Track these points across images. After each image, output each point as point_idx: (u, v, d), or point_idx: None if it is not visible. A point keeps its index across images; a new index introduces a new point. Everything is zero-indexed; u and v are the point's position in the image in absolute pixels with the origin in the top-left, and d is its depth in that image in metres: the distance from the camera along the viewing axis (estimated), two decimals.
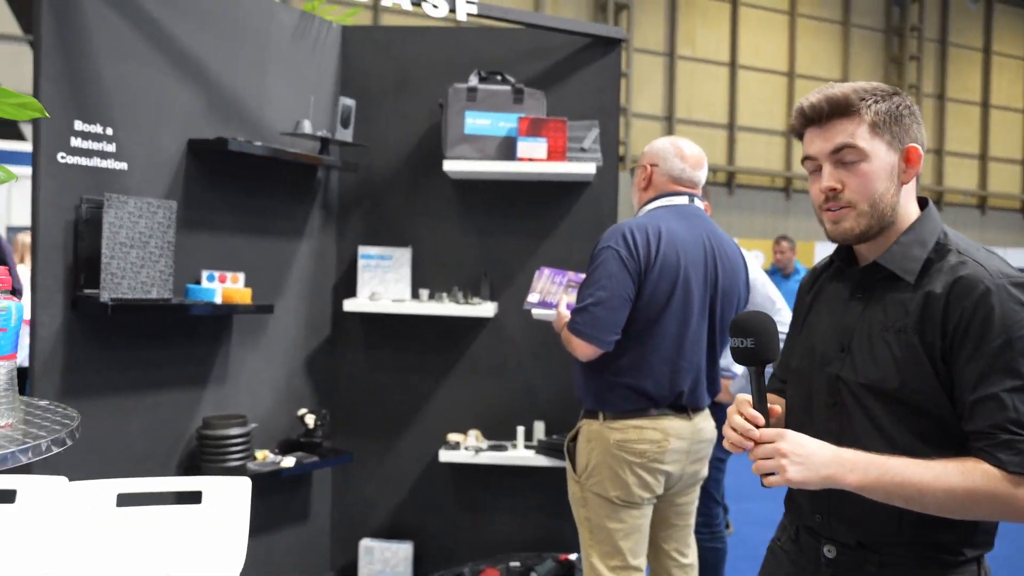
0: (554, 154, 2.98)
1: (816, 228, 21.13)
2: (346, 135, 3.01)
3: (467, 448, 3.02)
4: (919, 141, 1.26)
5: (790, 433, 1.17)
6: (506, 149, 3.02)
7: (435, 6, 2.85)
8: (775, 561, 1.41)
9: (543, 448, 3.00)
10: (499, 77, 3.08)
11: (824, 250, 18.11)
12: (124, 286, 2.35)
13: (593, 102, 3.15)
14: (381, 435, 3.19)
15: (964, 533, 1.20)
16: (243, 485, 1.82)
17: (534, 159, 2.96)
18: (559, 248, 3.11)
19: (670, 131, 18.92)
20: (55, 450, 1.10)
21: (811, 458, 1.14)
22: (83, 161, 2.37)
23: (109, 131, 2.44)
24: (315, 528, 3.17)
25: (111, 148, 2.44)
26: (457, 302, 3.06)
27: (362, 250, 3.11)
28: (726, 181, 19.93)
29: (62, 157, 2.32)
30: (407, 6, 2.85)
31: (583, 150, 3.07)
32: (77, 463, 2.33)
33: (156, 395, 2.59)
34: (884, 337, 1.22)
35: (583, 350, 2.14)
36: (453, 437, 3.06)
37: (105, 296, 2.30)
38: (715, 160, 19.74)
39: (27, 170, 2.36)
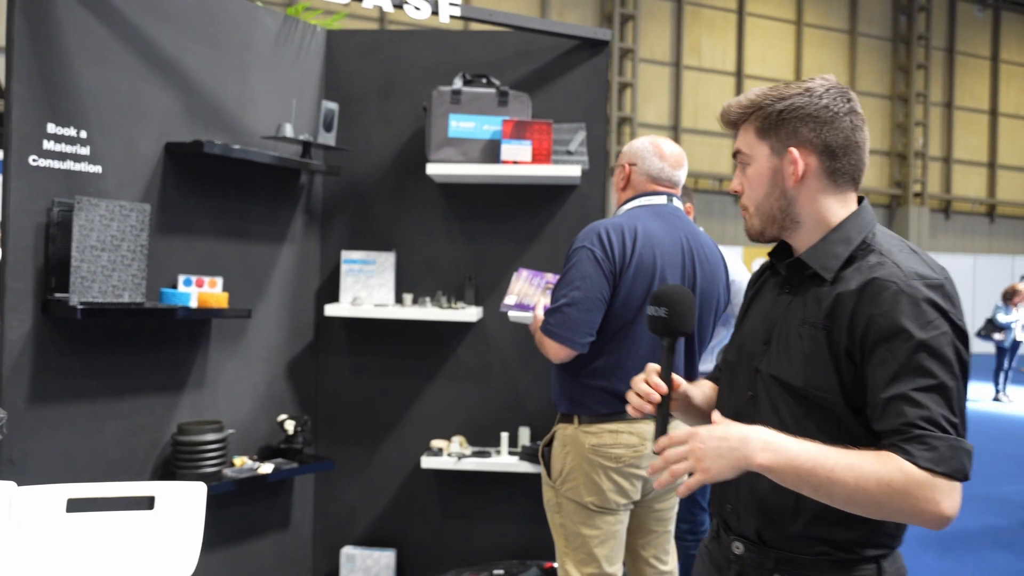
0: (539, 157, 2.94)
1: None
2: (329, 139, 2.98)
3: (450, 455, 2.98)
4: (810, 142, 1.23)
5: (699, 429, 1.15)
6: (491, 152, 2.98)
7: (417, 8, 2.83)
8: (700, 560, 1.42)
9: (527, 454, 2.95)
10: (484, 80, 3.05)
11: None
12: (95, 290, 2.33)
13: (580, 105, 3.12)
14: (364, 441, 3.15)
15: (864, 532, 1.18)
16: (197, 490, 1.78)
17: (519, 162, 2.93)
18: (545, 252, 3.07)
19: (676, 141, 18.87)
20: None
21: (722, 446, 1.11)
22: (56, 164, 2.35)
23: (83, 134, 2.42)
24: (297, 536, 3.12)
25: (85, 151, 2.42)
26: (441, 307, 3.02)
27: (345, 255, 3.08)
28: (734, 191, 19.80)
29: (34, 160, 2.30)
30: (388, 8, 2.83)
31: (569, 153, 3.03)
32: (48, 470, 2.30)
33: (131, 401, 2.56)
34: (799, 332, 1.22)
35: (556, 352, 2.10)
36: (436, 443, 3.02)
37: (75, 300, 2.27)
38: (722, 169, 19.68)
39: None
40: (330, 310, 3.01)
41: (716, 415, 1.20)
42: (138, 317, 2.51)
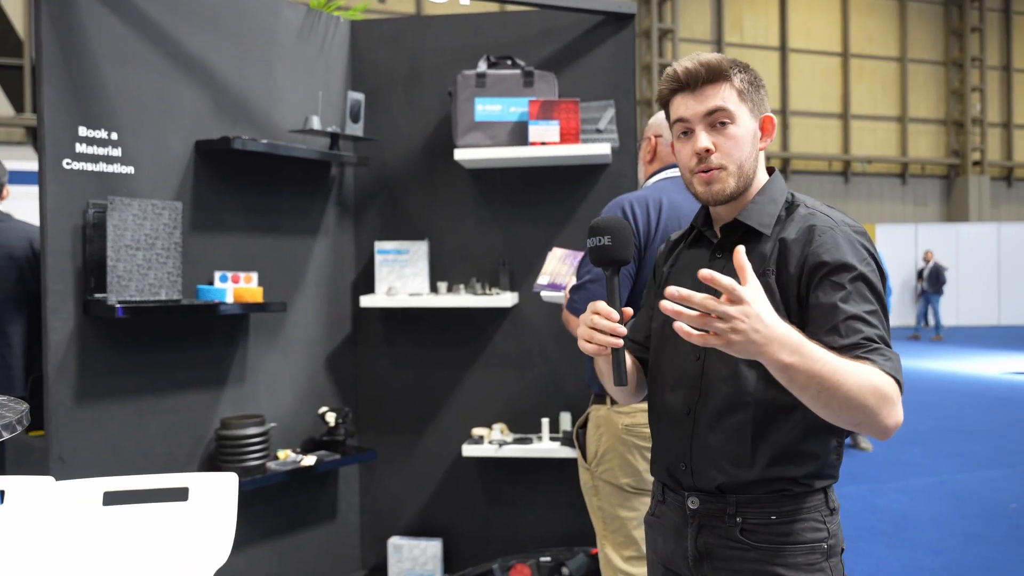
0: (567, 136, 2.89)
1: (878, 211, 20.44)
2: (356, 130, 2.98)
3: (491, 442, 2.95)
4: (768, 110, 1.37)
5: (754, 303, 1.08)
6: (518, 134, 2.94)
7: None
8: (651, 531, 1.46)
9: (569, 439, 2.91)
10: (509, 61, 3.01)
11: (884, 233, 17.44)
12: (132, 288, 2.36)
13: (608, 82, 3.05)
14: (405, 431, 3.15)
15: (815, 467, 1.29)
16: (229, 480, 1.79)
17: (547, 143, 2.88)
18: (578, 233, 3.02)
19: None
20: None
21: (760, 331, 1.08)
22: (89, 167, 2.39)
23: (115, 136, 2.45)
24: (344, 527, 3.14)
25: (117, 152, 2.46)
26: (476, 293, 3.00)
27: (378, 245, 3.08)
28: (781, 167, 19.41)
29: (68, 164, 2.35)
30: None
31: (598, 131, 2.97)
32: (97, 466, 2.36)
33: (174, 396, 2.60)
34: None
35: None
36: (477, 431, 3.00)
37: (112, 299, 2.31)
38: (768, 147, 19.24)
39: (32, 189, 2.40)
40: (366, 301, 3.01)
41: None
42: (176, 314, 2.54)
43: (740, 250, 1.12)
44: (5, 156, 3.73)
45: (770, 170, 1.39)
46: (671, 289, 1.07)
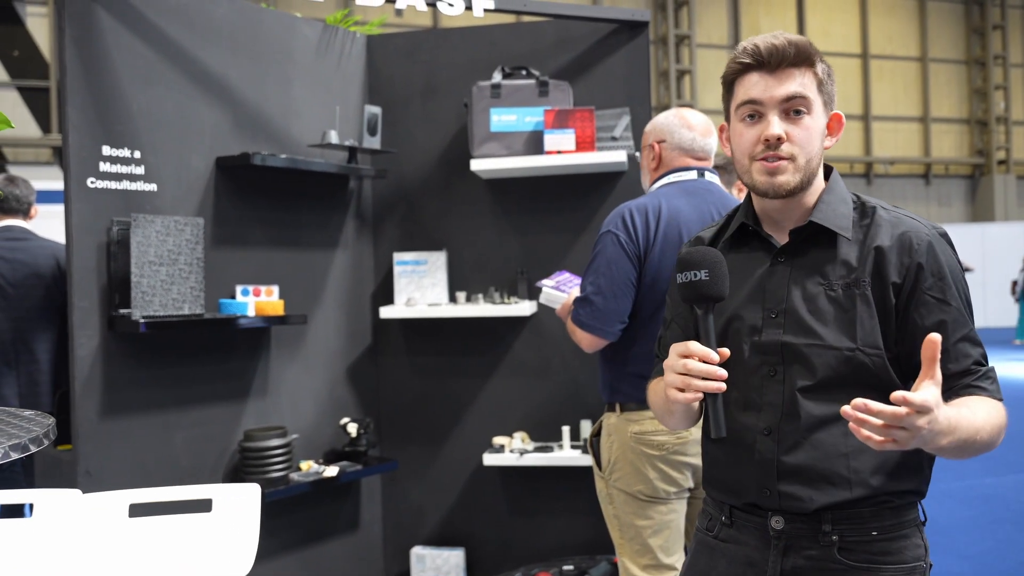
0: (583, 145, 2.90)
1: None
2: (374, 143, 3.01)
3: (512, 451, 2.96)
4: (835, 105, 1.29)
5: (935, 408, 1.00)
6: (534, 144, 2.96)
7: (451, 4, 2.83)
8: (709, 553, 1.32)
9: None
10: (523, 72, 3.03)
11: None
12: (155, 303, 2.40)
13: (623, 90, 3.06)
14: (426, 441, 3.17)
15: (915, 482, 1.23)
16: (252, 491, 1.81)
17: (562, 151, 2.90)
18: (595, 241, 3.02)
19: None
20: (13, 456, 1.10)
21: (936, 428, 1.02)
22: (113, 185, 2.44)
23: (137, 154, 2.50)
24: (367, 537, 3.16)
25: (140, 171, 2.51)
26: (494, 303, 3.01)
27: (397, 256, 3.11)
28: None
29: (92, 182, 2.40)
30: (422, 7, 2.84)
31: (614, 139, 2.98)
32: (124, 479, 2.40)
33: (198, 410, 2.64)
34: (829, 295, 1.21)
35: (587, 342, 2.07)
36: (498, 440, 3.01)
37: (137, 314, 2.35)
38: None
39: (58, 208, 2.44)
40: (385, 312, 3.03)
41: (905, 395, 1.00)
42: (199, 328, 2.58)
43: (935, 339, 1.00)
44: (33, 176, 3.81)
45: (827, 169, 1.29)
46: (858, 402, 0.97)
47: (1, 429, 1.19)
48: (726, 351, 1.15)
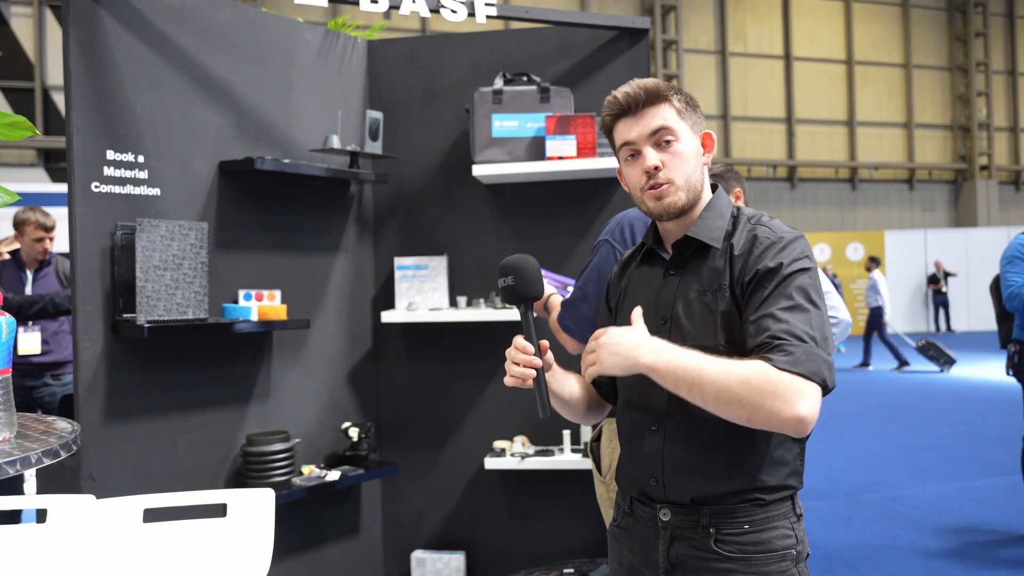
0: (584, 151, 2.93)
1: (886, 217, 20.37)
2: (375, 148, 3.02)
3: (513, 455, 2.97)
4: (707, 129, 1.45)
5: (611, 329, 1.29)
6: (535, 149, 2.98)
7: (453, 11, 2.85)
8: (616, 543, 1.48)
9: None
10: (525, 78, 3.05)
11: (893, 239, 17.40)
12: (160, 308, 2.40)
13: None
14: (427, 445, 3.18)
15: (782, 475, 1.33)
16: (266, 496, 1.81)
17: (563, 157, 2.92)
18: None
19: (726, 129, 18.57)
20: (46, 462, 1.10)
21: (619, 345, 1.26)
22: (116, 189, 2.44)
23: (141, 159, 2.50)
24: (367, 541, 3.16)
25: (143, 175, 2.50)
26: (495, 307, 3.02)
27: (398, 261, 3.11)
28: (787, 176, 19.43)
29: (96, 187, 2.39)
30: (425, 13, 2.85)
31: None
32: (126, 483, 2.39)
33: (200, 414, 2.63)
34: (702, 300, 1.34)
35: (571, 345, 2.12)
36: (499, 444, 3.02)
37: (141, 319, 2.35)
38: (774, 155, 19.25)
39: (62, 210, 2.44)
40: (386, 317, 3.04)
41: (635, 313, 1.33)
42: (202, 333, 2.58)
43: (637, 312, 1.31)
44: (17, 178, 3.78)
45: (713, 187, 1.45)
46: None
47: (26, 434, 1.19)
48: (545, 343, 1.37)
